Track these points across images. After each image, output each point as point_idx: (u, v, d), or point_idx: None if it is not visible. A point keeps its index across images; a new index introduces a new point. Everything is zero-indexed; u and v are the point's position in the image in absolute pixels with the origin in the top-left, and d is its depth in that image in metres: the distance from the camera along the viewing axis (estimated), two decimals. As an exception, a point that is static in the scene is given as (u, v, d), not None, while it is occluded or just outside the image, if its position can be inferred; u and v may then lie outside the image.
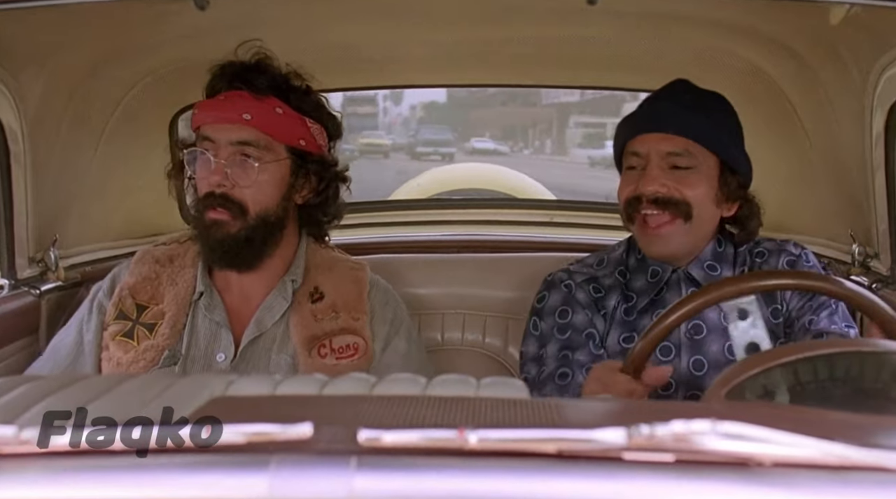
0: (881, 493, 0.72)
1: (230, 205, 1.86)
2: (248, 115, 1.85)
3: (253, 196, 1.87)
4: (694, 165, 1.90)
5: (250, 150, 1.86)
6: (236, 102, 1.86)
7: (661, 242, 1.92)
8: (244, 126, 1.85)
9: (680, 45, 2.43)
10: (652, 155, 1.90)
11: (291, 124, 1.90)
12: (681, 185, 1.89)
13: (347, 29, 2.31)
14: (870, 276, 2.29)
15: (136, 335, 1.89)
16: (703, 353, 1.90)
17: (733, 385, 1.13)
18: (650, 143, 1.91)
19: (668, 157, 1.90)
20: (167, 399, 0.95)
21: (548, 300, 2.03)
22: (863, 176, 2.20)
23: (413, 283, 2.53)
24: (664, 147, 1.90)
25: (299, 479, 0.70)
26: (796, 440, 0.72)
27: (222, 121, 1.86)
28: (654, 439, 0.71)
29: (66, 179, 2.34)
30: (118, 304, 1.93)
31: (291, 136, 1.90)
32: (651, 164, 1.90)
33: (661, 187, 1.89)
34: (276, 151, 1.89)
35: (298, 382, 1.03)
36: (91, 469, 0.73)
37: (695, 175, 1.90)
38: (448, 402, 0.90)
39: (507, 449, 0.72)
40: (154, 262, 1.99)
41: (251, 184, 1.86)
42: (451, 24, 2.31)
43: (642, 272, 1.99)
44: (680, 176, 1.89)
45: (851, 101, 2.15)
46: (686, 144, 1.90)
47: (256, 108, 1.86)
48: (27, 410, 0.89)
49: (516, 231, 3.03)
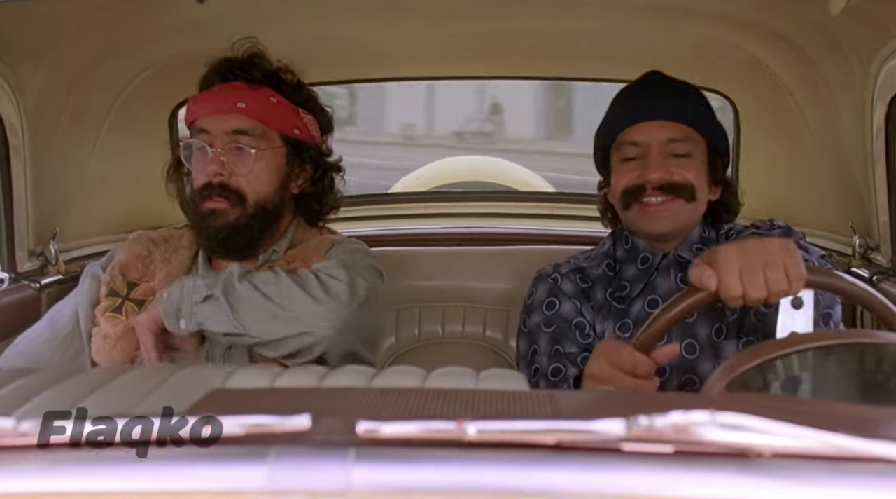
0: (881, 483, 0.72)
1: (228, 193, 1.86)
2: (243, 104, 1.85)
3: (250, 184, 1.87)
4: (691, 151, 1.94)
5: (245, 138, 1.86)
6: (230, 92, 1.87)
7: (665, 219, 1.93)
8: (239, 114, 1.86)
9: (679, 38, 2.43)
10: (652, 143, 1.92)
11: (285, 113, 1.91)
12: (682, 169, 1.92)
13: (346, 22, 2.31)
14: (870, 268, 2.29)
15: (125, 311, 1.89)
16: (694, 336, 1.91)
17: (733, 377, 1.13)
18: (650, 131, 1.93)
19: (668, 144, 1.92)
20: (166, 392, 0.95)
21: (535, 295, 2.03)
22: (863, 168, 2.20)
23: (414, 275, 2.53)
24: (664, 134, 1.92)
25: (298, 470, 0.70)
26: (796, 431, 0.72)
27: (217, 111, 1.87)
28: (654, 430, 0.71)
29: (65, 173, 2.34)
30: (109, 281, 1.94)
31: (285, 124, 1.91)
32: (652, 151, 1.92)
33: (666, 173, 1.91)
34: (270, 139, 1.89)
35: (297, 374, 1.03)
36: (90, 461, 0.73)
37: (692, 162, 1.94)
38: (447, 394, 0.90)
39: (505, 441, 0.72)
40: (149, 241, 2.01)
41: (248, 172, 1.86)
42: (450, 18, 2.31)
43: (632, 261, 2.01)
44: (679, 162, 1.92)
45: (852, 93, 2.15)
46: (685, 131, 1.93)
47: (250, 96, 1.87)
48: (26, 402, 0.89)
49: (517, 224, 3.03)
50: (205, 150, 1.86)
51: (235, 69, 1.90)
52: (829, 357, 1.19)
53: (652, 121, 1.93)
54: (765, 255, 1.44)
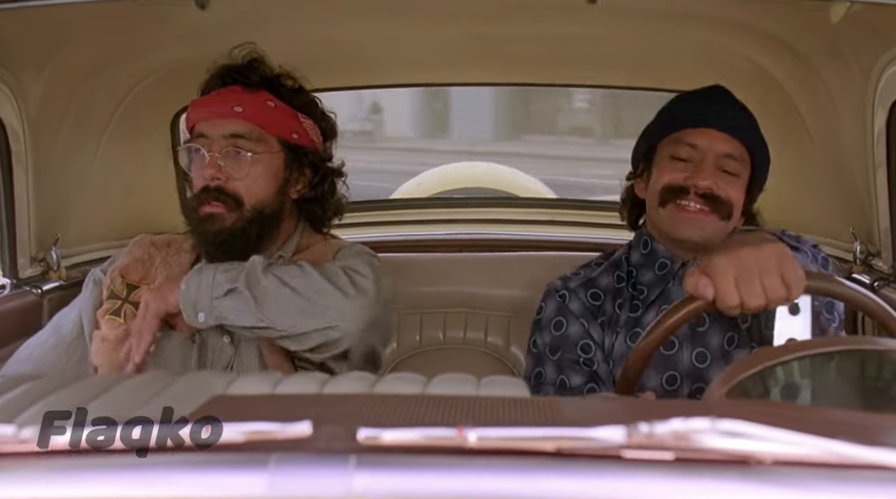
0: (882, 491, 0.71)
1: (225, 197, 1.85)
2: (240, 108, 1.85)
3: (247, 188, 1.86)
4: (740, 171, 1.93)
5: (243, 142, 1.85)
6: (228, 96, 1.87)
7: (696, 227, 1.91)
8: (236, 119, 1.85)
9: (680, 44, 2.43)
10: (710, 151, 1.91)
11: (284, 117, 1.91)
12: (728, 186, 1.91)
13: (347, 28, 2.31)
14: (871, 274, 2.28)
15: (123, 313, 1.89)
16: (705, 345, 1.90)
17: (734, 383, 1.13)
18: (711, 138, 1.91)
19: (723, 158, 1.91)
20: (167, 398, 0.95)
21: (545, 312, 2.03)
22: (864, 174, 2.20)
23: (415, 281, 2.53)
24: (724, 147, 1.91)
25: (299, 477, 0.70)
26: (797, 438, 0.72)
27: (214, 115, 1.86)
28: (654, 438, 0.70)
29: (67, 179, 2.35)
30: (109, 284, 1.94)
31: (284, 128, 1.90)
32: (707, 159, 1.90)
33: (714, 184, 1.89)
34: (268, 143, 1.88)
35: (298, 380, 1.03)
36: (90, 468, 0.73)
37: (738, 181, 1.93)
38: (448, 401, 0.89)
39: (506, 448, 0.72)
40: (150, 244, 2.01)
41: (245, 176, 1.85)
42: (451, 23, 2.31)
43: (650, 266, 1.99)
44: (726, 179, 1.91)
45: (853, 99, 2.15)
46: (742, 151, 1.93)
47: (248, 100, 1.86)
48: (26, 409, 0.89)
49: (518, 230, 3.03)
50: (202, 154, 1.86)
51: (234, 74, 1.89)
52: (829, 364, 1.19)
53: (718, 131, 1.92)
54: (760, 262, 1.43)
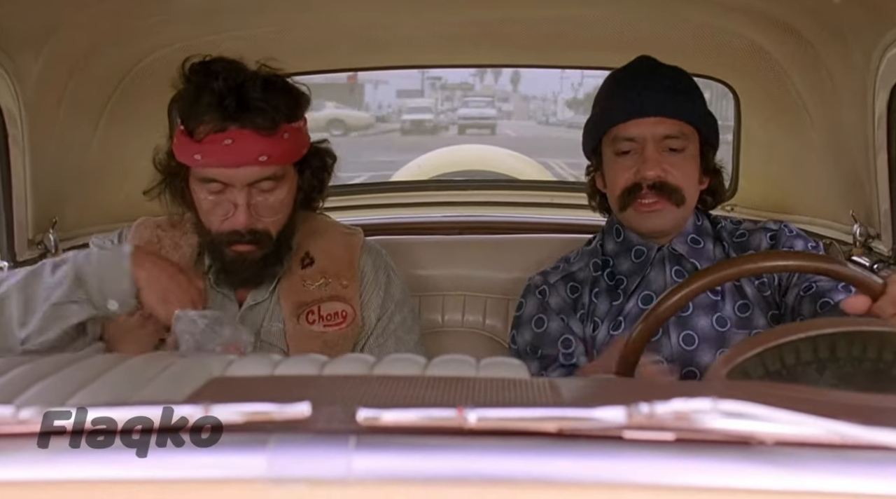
0: (884, 471, 0.71)
1: (257, 237, 1.83)
2: (265, 157, 1.77)
3: (275, 223, 1.85)
4: (685, 146, 1.96)
5: (268, 184, 1.81)
6: (247, 145, 1.76)
7: (657, 218, 1.97)
8: (261, 167, 1.78)
9: (679, 25, 2.42)
10: (648, 139, 1.94)
11: (297, 142, 1.85)
12: (675, 169, 1.94)
13: (343, 10, 2.30)
14: (871, 256, 2.28)
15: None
16: (692, 327, 1.92)
17: (734, 365, 1.13)
18: (645, 127, 1.94)
19: (664, 140, 1.94)
20: (166, 380, 0.95)
21: (525, 309, 2.07)
22: (864, 156, 2.20)
23: (413, 264, 2.53)
24: (660, 131, 1.94)
25: (298, 458, 0.69)
26: (798, 419, 0.72)
27: (235, 165, 1.78)
28: (655, 418, 0.70)
29: (64, 162, 2.34)
30: None
31: (298, 153, 1.86)
32: (648, 147, 1.94)
33: (661, 172, 1.93)
34: (287, 172, 1.84)
35: (297, 362, 1.03)
36: (90, 449, 0.72)
37: (686, 158, 1.96)
38: (448, 382, 0.89)
39: (506, 428, 0.72)
40: (155, 226, 1.99)
41: (273, 213, 1.84)
42: (448, 4, 2.30)
43: (625, 254, 2.03)
44: (674, 160, 1.94)
45: (853, 81, 2.14)
46: (680, 126, 1.95)
47: (270, 146, 1.77)
48: (26, 390, 0.89)
49: (517, 212, 3.03)
50: (228, 202, 1.81)
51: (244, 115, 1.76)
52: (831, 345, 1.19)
53: (649, 117, 1.94)
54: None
